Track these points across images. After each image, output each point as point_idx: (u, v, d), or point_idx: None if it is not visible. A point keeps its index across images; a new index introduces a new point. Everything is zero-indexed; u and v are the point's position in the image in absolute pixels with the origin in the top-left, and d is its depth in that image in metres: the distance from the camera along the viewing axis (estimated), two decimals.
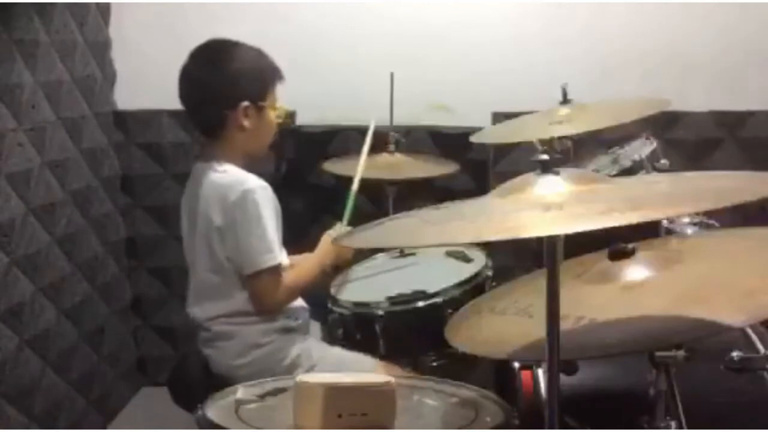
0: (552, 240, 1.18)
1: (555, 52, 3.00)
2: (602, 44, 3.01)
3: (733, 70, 2.99)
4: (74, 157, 2.75)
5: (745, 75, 3.01)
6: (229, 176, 2.06)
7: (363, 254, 2.47)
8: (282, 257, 2.09)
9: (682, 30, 2.99)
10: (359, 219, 2.17)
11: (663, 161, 2.12)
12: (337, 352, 2.14)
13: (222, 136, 2.10)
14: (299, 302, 2.18)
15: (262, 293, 2.06)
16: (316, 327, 2.31)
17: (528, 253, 2.39)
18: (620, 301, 1.29)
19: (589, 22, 3.01)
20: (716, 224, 2.02)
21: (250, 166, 2.15)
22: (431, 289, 2.08)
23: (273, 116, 2.14)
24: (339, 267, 2.31)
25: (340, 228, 2.27)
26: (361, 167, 2.41)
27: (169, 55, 2.17)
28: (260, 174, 2.11)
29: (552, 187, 1.16)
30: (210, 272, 2.07)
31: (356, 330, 2.13)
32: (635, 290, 1.30)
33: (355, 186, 2.37)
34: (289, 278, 2.09)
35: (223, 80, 2.08)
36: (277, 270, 2.04)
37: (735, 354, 1.40)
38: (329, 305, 2.19)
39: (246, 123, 2.07)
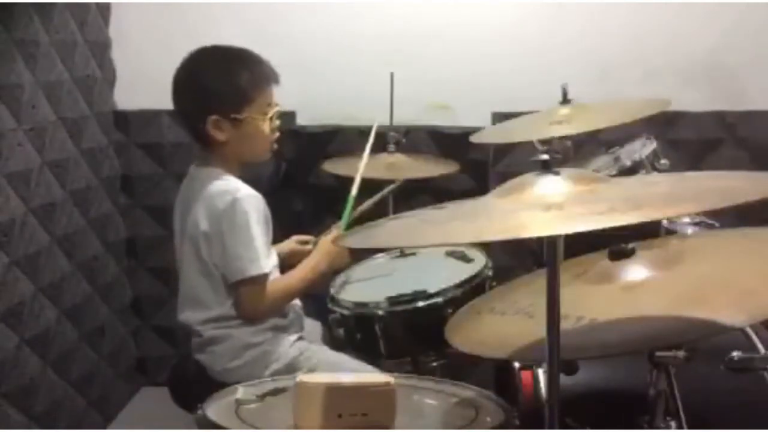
0: (552, 240, 1.18)
1: (555, 52, 3.00)
2: (602, 44, 3.01)
3: (733, 70, 2.99)
4: (74, 157, 2.75)
5: (745, 75, 3.00)
6: (221, 184, 2.04)
7: (363, 254, 2.47)
8: (270, 265, 2.07)
9: (682, 30, 2.99)
10: (358, 221, 2.18)
11: (663, 161, 2.12)
12: (336, 356, 2.14)
13: (209, 147, 2.09)
14: None
15: (246, 302, 2.04)
16: (316, 327, 2.31)
17: (528, 253, 2.39)
18: (620, 301, 1.28)
19: (589, 22, 3.01)
20: (716, 224, 2.02)
21: (248, 167, 2.15)
22: (431, 289, 2.08)
23: (264, 124, 2.09)
24: (337, 269, 2.30)
25: (337, 232, 2.25)
26: (360, 171, 2.38)
27: (169, 55, 2.16)
28: (260, 175, 2.10)
29: (552, 187, 1.16)
30: (199, 276, 2.07)
31: (356, 330, 2.13)
32: (635, 290, 1.29)
33: (354, 191, 2.33)
34: (275, 287, 2.07)
35: (192, 95, 2.07)
36: (261, 279, 2.03)
37: (735, 354, 1.39)
38: (329, 305, 2.19)
39: (220, 136, 2.05)
